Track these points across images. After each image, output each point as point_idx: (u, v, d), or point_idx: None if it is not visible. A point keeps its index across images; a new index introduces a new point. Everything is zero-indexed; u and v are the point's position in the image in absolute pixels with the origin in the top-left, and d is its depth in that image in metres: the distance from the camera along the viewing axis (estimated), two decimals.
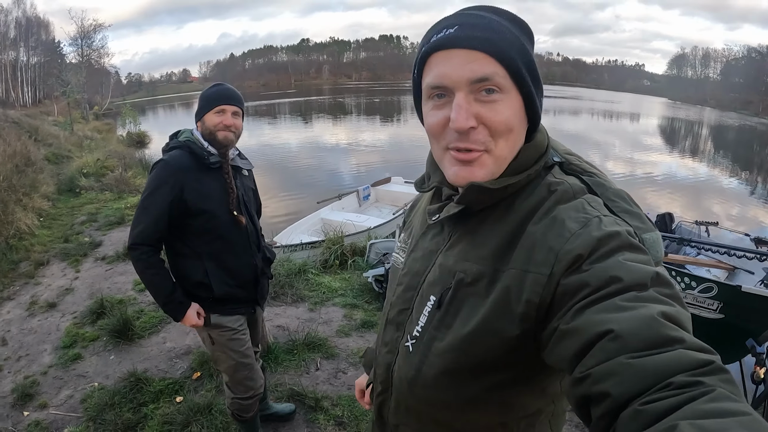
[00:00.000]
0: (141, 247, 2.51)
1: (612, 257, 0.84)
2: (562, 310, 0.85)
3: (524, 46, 0.97)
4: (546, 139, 1.07)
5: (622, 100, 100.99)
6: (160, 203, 2.46)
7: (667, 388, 0.63)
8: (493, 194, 0.99)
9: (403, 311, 1.18)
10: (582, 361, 0.75)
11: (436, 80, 0.96)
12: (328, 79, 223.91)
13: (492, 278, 0.98)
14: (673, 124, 57.69)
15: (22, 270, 6.97)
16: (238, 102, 2.58)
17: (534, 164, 1.02)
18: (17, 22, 63.62)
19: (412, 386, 1.12)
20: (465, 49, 0.93)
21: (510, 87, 0.95)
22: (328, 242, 7.71)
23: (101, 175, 13.52)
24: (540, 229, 0.95)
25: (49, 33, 68.80)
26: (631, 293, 0.77)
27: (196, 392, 3.93)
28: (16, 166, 10.94)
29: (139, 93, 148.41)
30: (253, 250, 2.77)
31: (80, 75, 43.98)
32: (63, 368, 4.42)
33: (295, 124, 45.90)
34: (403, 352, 1.16)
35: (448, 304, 1.05)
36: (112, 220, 9.18)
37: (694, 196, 18.76)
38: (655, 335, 0.69)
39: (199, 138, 2.57)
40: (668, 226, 8.52)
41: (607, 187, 1.04)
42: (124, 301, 5.65)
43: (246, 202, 2.74)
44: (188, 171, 2.49)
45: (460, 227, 1.09)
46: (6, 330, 5.26)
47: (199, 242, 2.59)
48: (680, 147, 35.67)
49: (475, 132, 0.94)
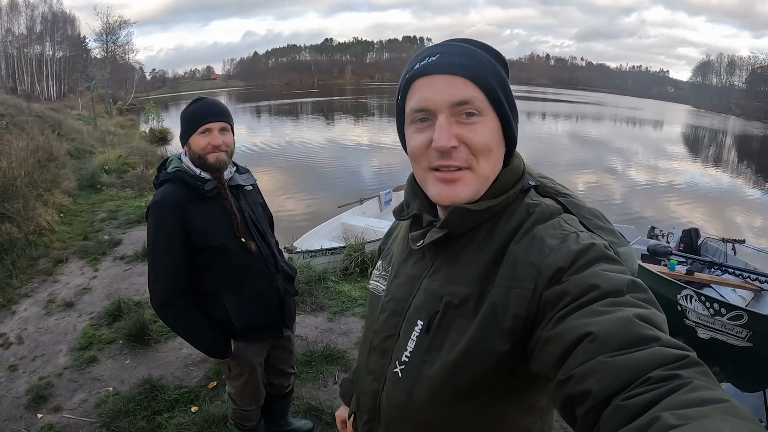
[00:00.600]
0: (175, 302, 2.37)
1: (590, 268, 0.88)
2: (545, 320, 0.88)
3: (501, 73, 1.04)
4: (522, 164, 1.13)
5: (645, 107, 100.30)
6: (171, 250, 2.31)
7: (646, 383, 0.65)
8: (475, 216, 1.04)
9: (389, 337, 1.20)
10: (564, 364, 0.77)
11: (420, 104, 1.02)
12: (350, 79, 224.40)
13: (479, 299, 1.01)
14: (696, 133, 57.30)
15: (41, 267, 6.96)
16: (223, 116, 2.37)
17: (512, 187, 1.07)
18: (43, 16, 64.49)
19: (403, 411, 1.13)
20: (446, 75, 1.00)
21: (488, 110, 1.01)
22: (349, 249, 7.60)
23: (123, 171, 13.59)
24: (521, 248, 0.99)
25: (74, 28, 69.71)
26: (609, 299, 0.81)
27: (212, 402, 3.86)
28: (38, 161, 10.97)
29: (163, 89, 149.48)
30: (272, 273, 2.59)
31: (105, 70, 44.55)
32: (78, 371, 4.38)
33: (318, 124, 45.99)
34: (392, 378, 1.16)
35: (437, 327, 1.07)
36: (132, 218, 9.18)
37: (717, 206, 18.55)
38: (631, 335, 0.72)
39: (189, 165, 2.38)
40: (694, 242, 8.43)
41: (581, 206, 1.10)
42: (142, 303, 5.60)
43: (256, 222, 2.57)
44: (185, 206, 2.30)
45: (442, 252, 1.12)
46: (23, 328, 5.25)
47: (213, 277, 2.44)
48: (703, 156, 35.42)
49: (457, 151, 0.99)
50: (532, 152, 27.06)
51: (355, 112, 59.19)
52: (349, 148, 29.11)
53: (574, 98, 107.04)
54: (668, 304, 6.15)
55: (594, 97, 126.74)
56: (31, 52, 62.03)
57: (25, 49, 61.75)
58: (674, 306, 6.13)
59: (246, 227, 2.49)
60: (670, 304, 6.15)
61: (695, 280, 6.58)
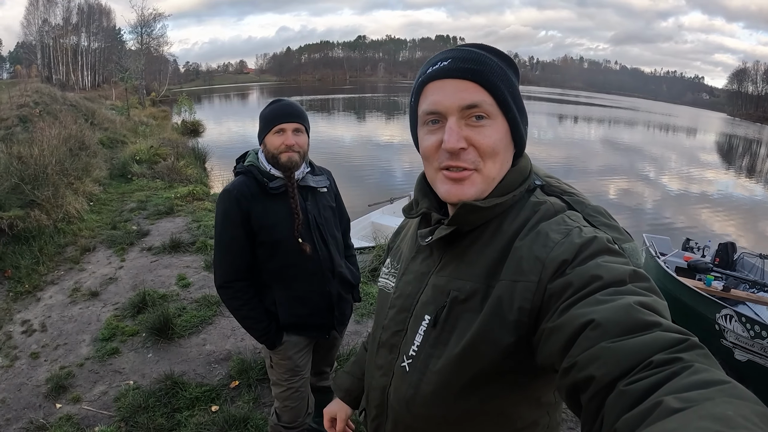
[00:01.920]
0: (234, 284, 2.47)
1: (593, 260, 0.91)
2: (550, 312, 0.90)
3: (510, 78, 1.08)
4: (529, 164, 1.16)
5: (679, 114, 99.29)
6: (237, 235, 2.42)
7: (648, 367, 0.66)
8: (482, 213, 1.07)
9: (398, 333, 1.22)
10: (569, 352, 0.79)
11: (431, 107, 1.06)
12: (383, 76, 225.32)
13: (485, 293, 1.04)
14: (731, 141, 56.42)
15: (68, 254, 6.99)
16: (298, 118, 2.43)
17: (519, 186, 1.11)
18: (79, 8, 65.53)
19: (410, 405, 1.15)
20: (457, 79, 1.03)
21: (497, 114, 1.05)
22: (378, 249, 7.44)
23: (154, 162, 13.67)
24: (526, 243, 1.01)
25: (110, 20, 71.05)
26: (611, 288, 0.83)
27: (233, 402, 3.78)
28: (70, 149, 11.07)
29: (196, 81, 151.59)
30: (327, 277, 2.60)
31: (139, 62, 44.97)
32: (100, 362, 4.35)
33: (349, 121, 46.15)
34: (399, 372, 1.19)
35: (443, 321, 1.09)
36: (161, 209, 9.19)
37: (751, 218, 18.17)
38: (633, 321, 0.74)
39: (263, 161, 2.47)
40: (730, 257, 8.25)
41: (586, 204, 1.11)
42: (167, 296, 5.57)
43: (320, 225, 2.58)
44: (252, 198, 2.41)
45: (450, 249, 1.15)
46: (47, 315, 5.26)
47: (267, 271, 2.52)
48: (737, 165, 34.80)
49: (465, 153, 1.03)
50: (565, 157, 26.90)
51: (388, 110, 59.34)
52: (381, 146, 29.19)
53: (607, 102, 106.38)
54: (706, 324, 6.02)
55: (627, 102, 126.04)
56: (67, 42, 63.17)
57: (61, 40, 62.88)
58: (712, 325, 5.95)
59: (307, 228, 2.52)
60: (708, 323, 5.98)
61: (731, 296, 6.43)
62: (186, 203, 9.85)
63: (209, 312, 5.19)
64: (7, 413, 3.73)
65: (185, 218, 8.84)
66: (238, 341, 4.66)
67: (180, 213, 9.16)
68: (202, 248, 7.12)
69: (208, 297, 5.51)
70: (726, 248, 8.33)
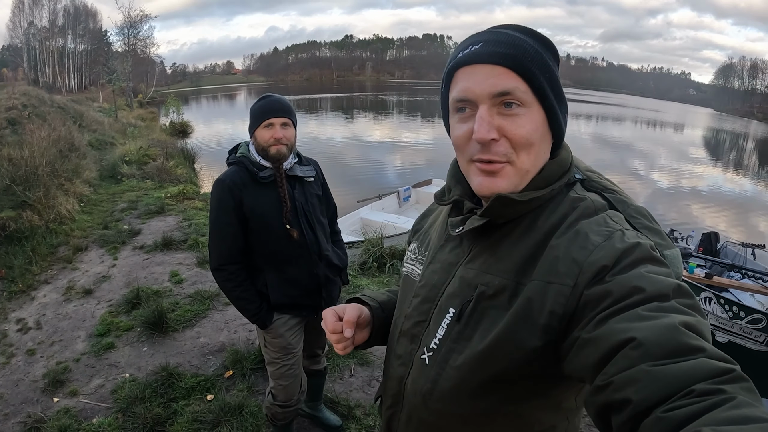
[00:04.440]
0: (228, 267, 2.61)
1: (635, 269, 0.86)
2: (585, 320, 0.85)
3: (547, 62, 1.00)
4: (569, 157, 1.10)
5: (667, 110, 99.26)
6: (230, 221, 2.56)
7: (688, 395, 0.63)
8: (517, 207, 1.01)
9: (420, 323, 1.17)
10: (604, 369, 0.75)
11: (461, 94, 1.00)
12: (370, 75, 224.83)
13: (514, 291, 0.99)
14: (718, 136, 56.62)
15: (61, 254, 7.04)
16: (286, 113, 2.58)
17: (557, 180, 1.05)
18: (65, 10, 65.14)
19: (426, 399, 1.11)
20: (488, 65, 0.97)
21: (532, 101, 0.98)
22: (367, 243, 7.53)
23: (143, 163, 13.70)
24: (563, 243, 0.95)
25: (96, 22, 70.50)
26: (653, 303, 0.78)
27: (228, 391, 3.87)
28: (59, 151, 11.07)
29: (183, 83, 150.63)
30: (314, 260, 2.75)
31: (126, 63, 44.83)
32: (95, 356, 4.41)
33: (338, 120, 45.97)
34: (418, 364, 1.15)
35: (468, 316, 1.04)
36: (152, 209, 9.25)
37: (740, 212, 18.29)
38: (676, 344, 0.70)
39: (253, 153, 2.62)
40: (713, 246, 8.31)
41: (628, 204, 1.07)
42: (160, 292, 5.64)
43: (307, 212, 2.73)
44: (243, 186, 2.56)
45: (481, 241, 1.09)
46: (41, 314, 5.30)
47: (259, 255, 2.66)
48: (725, 160, 34.97)
49: (497, 144, 0.97)
50: None
51: (376, 109, 59.23)
52: (370, 145, 29.14)
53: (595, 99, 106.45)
54: None
55: (615, 99, 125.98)
56: (53, 44, 62.71)
57: (47, 42, 62.43)
58: None
59: (295, 215, 2.67)
60: None
61: (714, 283, 6.50)
62: (177, 202, 9.93)
63: (203, 306, 5.28)
64: (5, 408, 3.78)
65: (176, 217, 8.90)
66: (231, 333, 4.75)
67: (171, 212, 9.22)
68: (194, 245, 7.20)
69: (201, 292, 5.59)
70: (709, 238, 8.40)
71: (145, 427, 3.43)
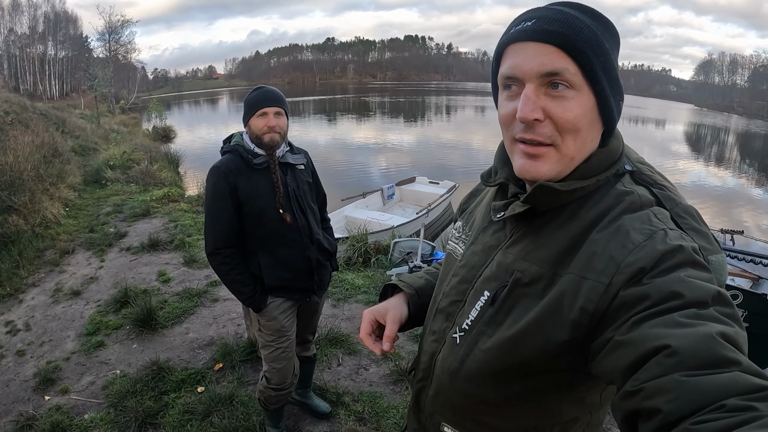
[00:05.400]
0: (223, 251, 2.69)
1: (675, 272, 0.83)
2: (618, 321, 0.83)
3: (603, 44, 0.94)
4: (621, 146, 1.05)
5: (648, 106, 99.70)
6: (225, 206, 2.65)
7: (720, 410, 0.62)
8: (560, 196, 0.98)
9: (456, 303, 1.17)
10: (635, 374, 0.74)
11: (509, 71, 0.96)
12: (352, 78, 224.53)
13: (549, 281, 0.97)
14: (699, 131, 56.98)
15: (48, 258, 7.03)
16: (278, 102, 2.69)
17: (605, 170, 1.00)
18: (46, 16, 64.51)
19: (453, 378, 1.12)
20: (538, 42, 0.93)
21: (581, 85, 0.93)
22: (352, 239, 7.66)
23: (127, 167, 13.68)
24: (603, 237, 0.93)
25: (77, 27, 69.79)
26: (691, 310, 0.76)
27: (218, 383, 3.93)
28: (43, 156, 11.03)
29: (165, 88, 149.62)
30: (306, 243, 2.85)
31: (107, 69, 44.51)
32: (86, 355, 4.44)
33: (321, 123, 45.84)
34: (449, 342, 1.15)
35: (502, 301, 1.04)
36: (138, 211, 9.26)
37: (723, 204, 18.51)
38: (712, 355, 0.68)
39: (247, 141, 2.72)
40: None
41: (677, 202, 1.03)
42: (149, 291, 5.69)
43: (298, 197, 2.83)
44: (238, 173, 2.65)
45: (522, 226, 1.07)
46: (30, 316, 5.31)
47: (253, 238, 2.75)
48: (707, 154, 35.20)
49: (541, 125, 0.94)
50: None
51: (359, 111, 59.07)
52: (354, 147, 29.09)
53: None
54: None
55: None
56: (34, 51, 62.06)
57: (28, 49, 61.76)
58: None
59: (288, 200, 2.77)
60: None
61: None
62: (162, 205, 9.95)
63: (191, 303, 5.33)
64: None
65: (162, 219, 8.93)
66: (220, 328, 4.81)
67: (156, 214, 9.25)
68: (181, 246, 7.24)
69: (189, 290, 5.65)
70: None
71: (137, 420, 3.46)
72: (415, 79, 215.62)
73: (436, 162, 22.61)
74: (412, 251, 6.71)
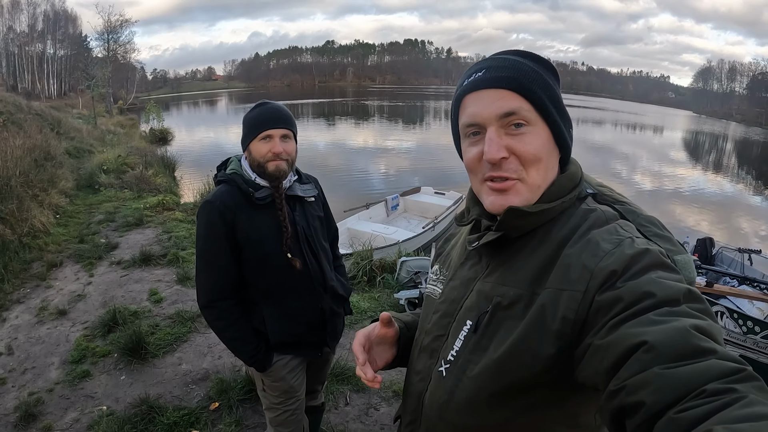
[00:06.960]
0: (219, 304, 2.29)
1: (645, 274, 0.87)
2: (597, 326, 0.86)
3: (547, 81, 1.05)
4: (579, 171, 1.14)
5: (646, 112, 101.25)
6: (221, 250, 2.24)
7: (700, 396, 0.64)
8: (529, 219, 1.04)
9: (439, 337, 1.19)
10: (617, 374, 0.76)
11: (470, 119, 1.06)
12: (352, 81, 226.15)
13: (529, 300, 1.00)
14: (698, 138, 57.82)
15: (34, 271, 6.73)
16: (286, 123, 2.25)
17: (569, 193, 1.08)
18: (45, 14, 64.72)
19: (443, 411, 1.12)
20: (492, 89, 1.03)
21: (536, 119, 1.03)
22: (356, 256, 7.32)
23: (122, 172, 13.45)
24: (575, 251, 0.97)
25: (76, 27, 70.33)
26: (664, 308, 0.79)
27: (214, 426, 3.60)
28: (35, 160, 10.77)
29: (164, 89, 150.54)
30: (319, 292, 2.43)
31: (106, 69, 44.54)
32: (70, 386, 4.13)
33: (320, 126, 46.00)
34: (435, 377, 1.16)
35: (485, 327, 1.06)
36: (130, 220, 9.00)
37: (723, 212, 18.69)
38: (688, 346, 0.71)
39: (246, 169, 2.30)
40: (708, 252, 8.33)
41: (638, 214, 1.10)
42: (139, 313, 5.38)
43: (309, 237, 2.41)
44: (236, 209, 2.23)
45: (497, 256, 1.12)
46: (13, 337, 5.00)
47: (255, 286, 2.34)
48: (705, 161, 35.90)
49: (507, 162, 1.02)
50: None
51: (358, 115, 59.45)
52: (354, 151, 29.20)
53: (575, 102, 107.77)
54: None
55: (595, 102, 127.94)
56: (33, 50, 62.31)
57: (27, 47, 62.01)
58: None
59: (297, 242, 2.36)
60: None
61: (714, 291, 6.42)
62: (156, 214, 9.68)
63: (184, 328, 5.02)
64: None
65: (155, 229, 8.66)
66: (215, 359, 4.49)
67: (150, 224, 8.99)
68: (174, 260, 6.95)
69: (181, 312, 5.34)
70: (705, 243, 8.39)
71: None
72: (414, 83, 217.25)
73: (437, 167, 22.52)
74: (421, 270, 6.40)
